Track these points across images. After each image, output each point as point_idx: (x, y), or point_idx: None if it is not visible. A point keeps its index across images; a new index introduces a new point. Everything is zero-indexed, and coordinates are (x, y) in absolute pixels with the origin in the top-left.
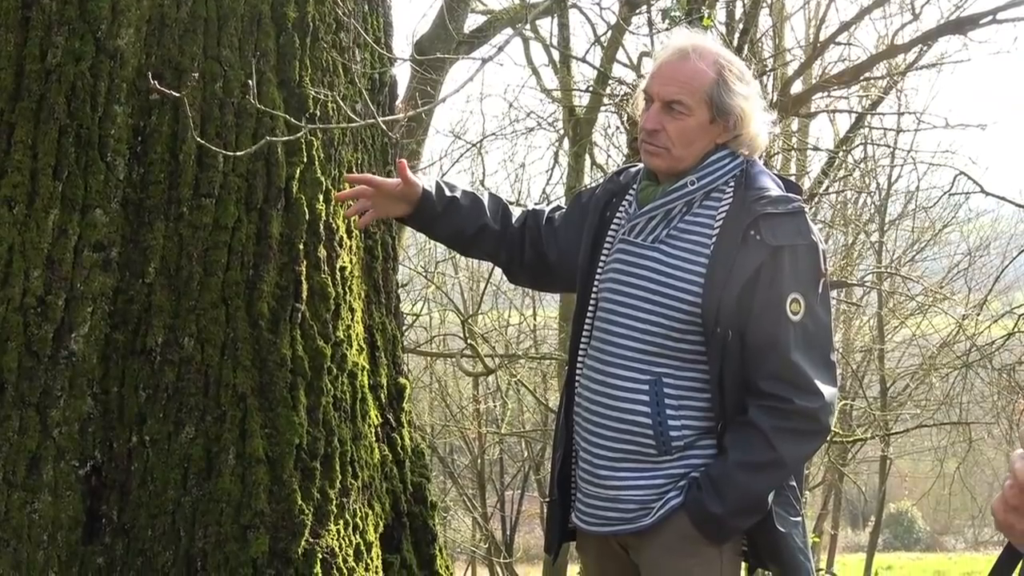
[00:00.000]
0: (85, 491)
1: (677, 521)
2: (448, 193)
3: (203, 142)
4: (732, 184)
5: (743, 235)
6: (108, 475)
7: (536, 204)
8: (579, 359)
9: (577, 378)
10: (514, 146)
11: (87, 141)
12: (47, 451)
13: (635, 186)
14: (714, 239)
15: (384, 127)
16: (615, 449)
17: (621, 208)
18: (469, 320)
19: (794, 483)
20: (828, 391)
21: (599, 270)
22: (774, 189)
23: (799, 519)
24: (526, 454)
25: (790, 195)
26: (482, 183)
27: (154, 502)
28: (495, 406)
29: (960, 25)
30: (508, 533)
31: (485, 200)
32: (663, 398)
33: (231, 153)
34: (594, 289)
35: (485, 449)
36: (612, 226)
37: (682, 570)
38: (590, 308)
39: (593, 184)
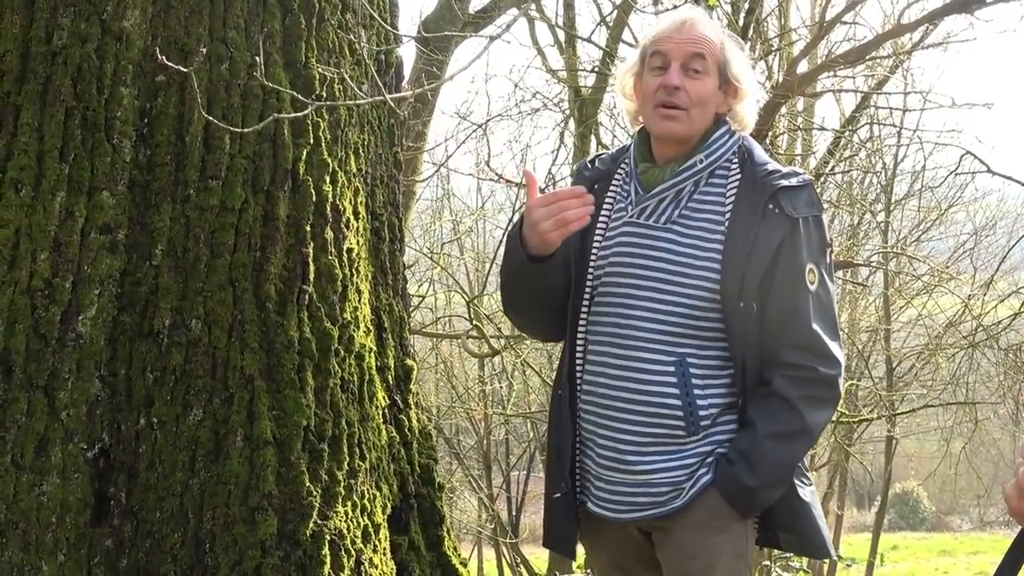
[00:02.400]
0: (93, 473)
1: (707, 499)
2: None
3: (211, 119)
4: (735, 160)
5: (763, 209)
6: (116, 457)
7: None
8: (578, 346)
9: (582, 365)
10: (520, 127)
11: (93, 123)
12: (55, 433)
13: (623, 169)
14: (727, 215)
15: (393, 105)
16: (643, 433)
17: (610, 193)
18: (474, 301)
19: None
20: (841, 357)
21: (592, 257)
22: (774, 163)
23: (813, 488)
24: (532, 435)
25: (795, 169)
26: (487, 164)
27: (162, 484)
28: (501, 387)
29: (966, 4)
30: (514, 514)
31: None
32: (690, 378)
33: (237, 130)
34: (589, 276)
35: (491, 430)
36: (602, 211)
37: (712, 548)
38: (586, 295)
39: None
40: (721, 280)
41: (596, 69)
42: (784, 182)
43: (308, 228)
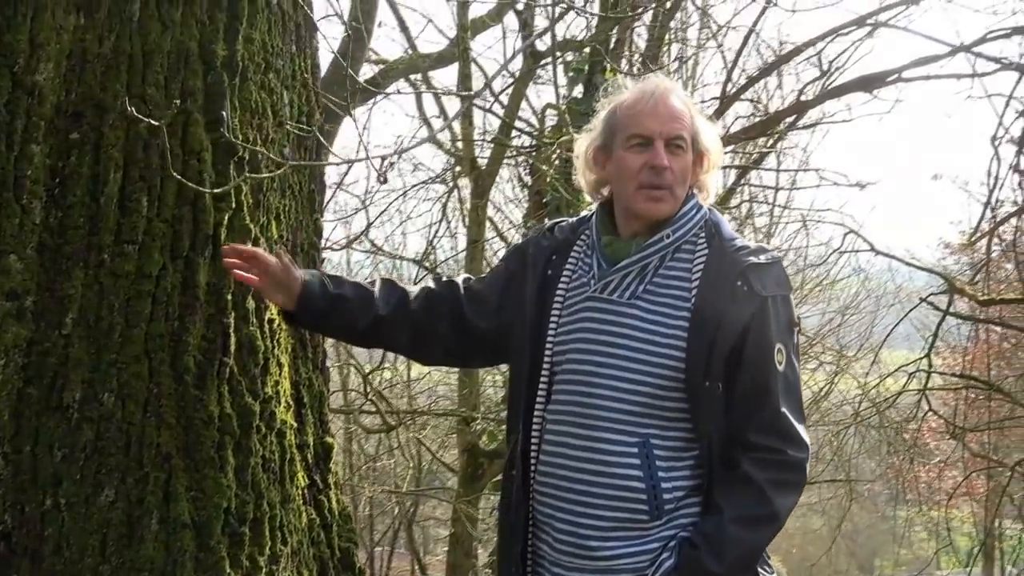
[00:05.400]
0: None
1: None
2: (333, 290)
3: (185, 182)
4: (702, 235)
5: (732, 287)
6: (18, 541)
7: (420, 258)
8: (535, 424)
9: (538, 444)
10: (403, 201)
11: (1, 182)
12: None
13: (583, 240)
14: (694, 291)
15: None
16: (606, 517)
17: (568, 265)
18: (369, 376)
19: None
20: (808, 440)
21: (551, 331)
22: (742, 239)
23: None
24: (396, 511)
25: (764, 246)
26: (365, 235)
27: (70, 570)
28: (369, 463)
29: (867, 83)
30: None
31: (376, 290)
32: (654, 460)
33: (208, 191)
34: (547, 351)
35: (356, 506)
36: (560, 284)
37: None
38: (544, 370)
39: (515, 243)
40: (686, 358)
41: (495, 140)
42: (753, 259)
43: (229, 297)
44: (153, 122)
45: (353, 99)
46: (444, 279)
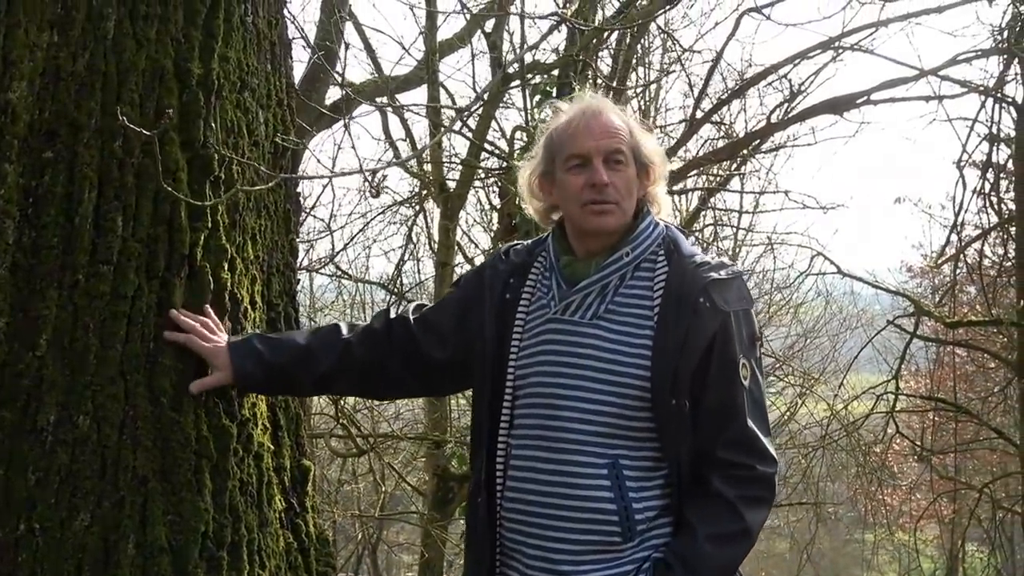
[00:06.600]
0: None
1: None
2: (270, 358)
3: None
4: (661, 252)
5: (693, 303)
6: None
7: (387, 282)
8: (499, 449)
9: (503, 470)
10: (367, 223)
11: None
12: None
13: (540, 262)
14: (656, 309)
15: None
16: (578, 541)
17: (527, 287)
18: (341, 400)
19: None
20: (775, 455)
21: (512, 354)
22: (701, 254)
23: None
24: (360, 536)
25: (724, 260)
26: (332, 260)
27: None
28: (334, 488)
29: (835, 106)
30: None
31: (317, 344)
32: (624, 481)
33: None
34: (509, 374)
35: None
36: (520, 307)
37: None
38: (507, 395)
39: (474, 267)
40: (652, 376)
41: (465, 161)
42: (714, 275)
43: None
44: (146, 132)
45: (351, 106)
46: (394, 315)
